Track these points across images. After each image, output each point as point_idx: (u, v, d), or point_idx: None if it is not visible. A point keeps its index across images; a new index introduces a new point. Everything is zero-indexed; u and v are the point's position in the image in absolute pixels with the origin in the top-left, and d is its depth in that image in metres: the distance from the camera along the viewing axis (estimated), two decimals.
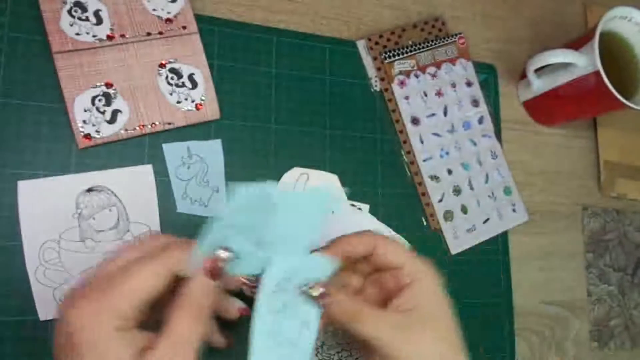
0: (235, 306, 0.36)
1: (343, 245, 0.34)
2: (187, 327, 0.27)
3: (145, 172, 0.41)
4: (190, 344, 0.27)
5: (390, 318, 0.32)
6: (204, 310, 0.28)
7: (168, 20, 0.42)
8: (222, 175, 0.43)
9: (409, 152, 0.50)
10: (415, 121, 0.50)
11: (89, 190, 0.39)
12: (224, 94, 0.44)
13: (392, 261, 0.34)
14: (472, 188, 0.51)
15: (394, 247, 0.34)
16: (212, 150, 0.43)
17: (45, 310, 0.37)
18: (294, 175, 0.45)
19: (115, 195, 0.39)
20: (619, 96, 0.46)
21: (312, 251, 0.33)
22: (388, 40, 0.51)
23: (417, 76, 0.51)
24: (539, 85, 0.54)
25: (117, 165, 0.40)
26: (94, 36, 0.40)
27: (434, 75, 0.51)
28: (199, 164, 0.42)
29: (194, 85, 0.42)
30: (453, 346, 0.32)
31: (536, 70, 0.53)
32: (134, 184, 0.40)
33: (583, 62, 0.48)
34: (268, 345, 0.30)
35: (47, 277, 0.37)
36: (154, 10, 0.42)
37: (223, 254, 0.29)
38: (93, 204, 0.39)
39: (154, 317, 0.28)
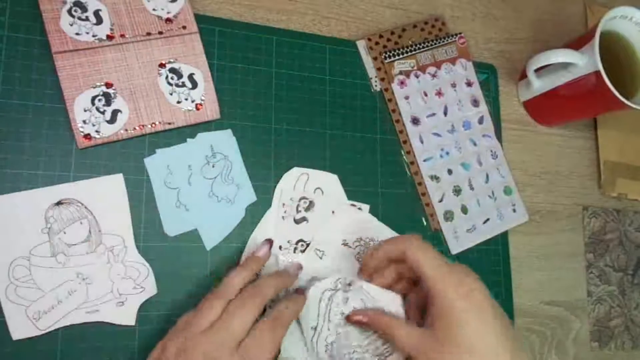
0: None
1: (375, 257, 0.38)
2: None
3: (115, 181, 0.39)
4: None
5: (416, 332, 0.35)
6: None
7: (168, 20, 0.42)
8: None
9: (409, 152, 0.50)
10: (415, 121, 0.50)
11: (58, 203, 0.38)
12: (224, 94, 0.44)
13: (417, 270, 0.36)
14: (472, 188, 0.51)
15: (422, 254, 0.35)
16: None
17: (18, 329, 0.35)
18: (294, 175, 0.45)
19: (85, 207, 0.38)
20: (619, 96, 0.46)
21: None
22: (388, 40, 0.51)
23: (417, 76, 0.51)
24: (539, 85, 0.54)
25: (117, 166, 0.40)
26: (94, 36, 0.40)
27: (434, 75, 0.51)
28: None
29: (194, 85, 0.42)
30: None
31: (536, 70, 0.53)
32: (104, 194, 0.39)
33: (583, 62, 0.48)
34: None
35: (19, 295, 0.36)
36: (154, 10, 0.42)
37: None
38: (63, 217, 0.37)
39: None
